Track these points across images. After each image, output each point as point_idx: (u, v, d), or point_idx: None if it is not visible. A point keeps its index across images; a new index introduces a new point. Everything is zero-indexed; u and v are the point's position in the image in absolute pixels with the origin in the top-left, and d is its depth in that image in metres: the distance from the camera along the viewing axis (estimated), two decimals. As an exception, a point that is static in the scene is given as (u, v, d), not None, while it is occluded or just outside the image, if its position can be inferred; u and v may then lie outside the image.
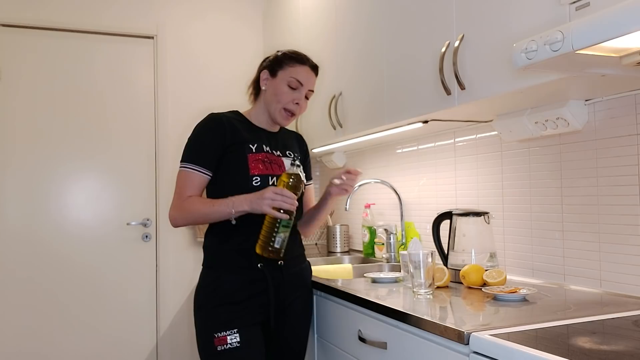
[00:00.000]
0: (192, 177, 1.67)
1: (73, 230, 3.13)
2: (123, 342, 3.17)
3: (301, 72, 1.75)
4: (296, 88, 1.74)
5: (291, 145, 1.86)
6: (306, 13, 2.79)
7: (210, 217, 1.65)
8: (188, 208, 1.65)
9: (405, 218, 2.53)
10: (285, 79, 1.73)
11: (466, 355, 1.14)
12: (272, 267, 1.67)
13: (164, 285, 3.26)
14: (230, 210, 1.59)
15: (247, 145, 1.70)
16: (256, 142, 1.72)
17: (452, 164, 2.23)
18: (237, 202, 1.59)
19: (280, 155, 1.77)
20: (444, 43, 1.67)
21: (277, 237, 1.56)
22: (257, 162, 1.69)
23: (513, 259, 1.90)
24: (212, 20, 3.48)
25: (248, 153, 1.69)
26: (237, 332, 1.59)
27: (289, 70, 1.74)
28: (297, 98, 1.74)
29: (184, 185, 1.67)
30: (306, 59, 1.78)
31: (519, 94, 1.50)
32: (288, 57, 1.77)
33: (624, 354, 0.95)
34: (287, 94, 1.73)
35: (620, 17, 0.98)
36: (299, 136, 1.97)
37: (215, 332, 1.60)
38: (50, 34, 3.14)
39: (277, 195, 1.54)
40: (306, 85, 1.76)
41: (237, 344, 1.58)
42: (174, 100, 3.33)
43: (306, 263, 1.87)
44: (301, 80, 1.74)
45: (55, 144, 3.11)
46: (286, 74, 1.74)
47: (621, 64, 1.15)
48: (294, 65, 1.75)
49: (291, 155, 1.80)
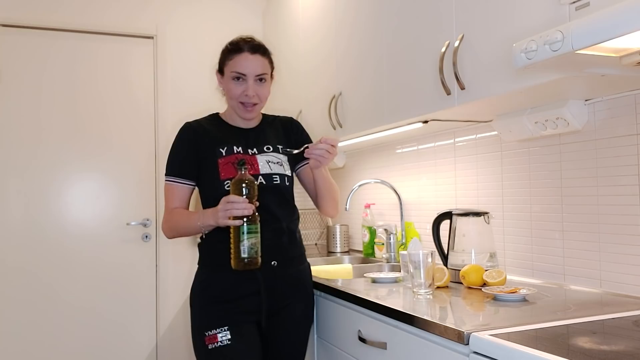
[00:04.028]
0: (174, 189, 1.71)
1: (73, 230, 3.13)
2: (123, 341, 3.17)
3: (238, 62, 1.66)
4: (241, 79, 1.67)
5: (274, 136, 1.79)
6: (306, 13, 2.79)
7: (188, 231, 1.67)
8: (171, 220, 1.69)
9: (405, 218, 2.53)
10: (229, 75, 1.69)
11: (466, 355, 1.14)
12: (264, 268, 1.62)
13: (164, 285, 3.26)
14: (199, 224, 1.60)
15: (217, 150, 1.68)
16: (227, 144, 1.69)
17: (452, 164, 2.23)
18: (204, 216, 1.59)
19: (255, 153, 1.71)
20: (444, 43, 1.67)
21: (243, 245, 1.50)
22: (227, 165, 1.66)
23: (513, 259, 1.90)
24: (212, 20, 3.47)
25: (218, 158, 1.67)
26: (227, 329, 1.59)
27: (229, 64, 1.69)
28: (244, 89, 1.67)
29: (168, 198, 1.71)
30: (243, 44, 1.68)
31: (518, 94, 1.50)
32: (227, 51, 1.71)
33: (624, 354, 0.95)
34: (235, 88, 1.68)
35: (620, 17, 0.98)
36: (287, 121, 1.87)
37: (206, 331, 1.60)
38: (50, 34, 3.14)
39: (227, 204, 1.50)
40: (249, 73, 1.66)
41: (227, 341, 1.58)
42: (173, 100, 3.33)
43: (305, 264, 1.81)
44: (240, 71, 1.66)
45: (55, 144, 3.11)
46: (228, 70, 1.69)
47: (621, 64, 1.15)
48: (232, 57, 1.68)
49: (270, 149, 1.74)
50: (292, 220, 1.76)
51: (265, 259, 1.59)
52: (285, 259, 1.70)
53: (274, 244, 1.66)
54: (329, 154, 1.63)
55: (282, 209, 1.72)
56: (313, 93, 2.70)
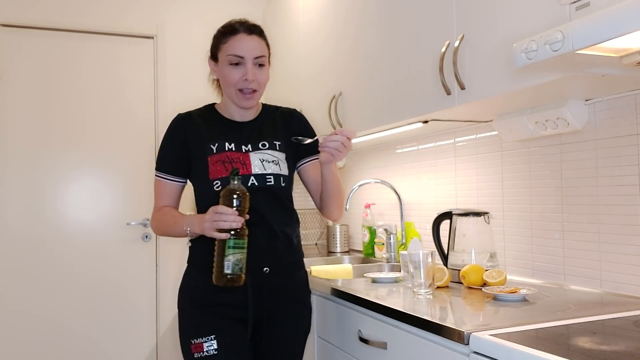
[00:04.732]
0: (162, 186, 1.64)
1: (73, 230, 3.12)
2: (123, 341, 3.17)
3: (235, 44, 1.54)
4: (238, 63, 1.54)
5: (271, 130, 1.64)
6: (306, 13, 2.79)
7: (175, 233, 1.59)
8: (159, 220, 1.63)
9: (405, 218, 2.53)
10: (224, 60, 1.55)
11: (466, 355, 1.14)
12: (255, 274, 1.51)
13: (164, 285, 3.26)
14: (185, 230, 1.52)
15: (208, 146, 1.57)
16: (219, 140, 1.57)
17: (452, 164, 2.23)
18: (190, 223, 1.51)
19: (248, 151, 1.57)
20: (444, 43, 1.67)
21: (226, 261, 1.39)
22: (217, 164, 1.54)
23: (513, 259, 1.90)
24: (212, 20, 3.43)
25: (208, 155, 1.56)
26: (213, 338, 1.48)
27: (224, 48, 1.56)
28: (244, 73, 1.54)
29: (157, 194, 1.65)
30: (238, 25, 1.58)
31: (519, 94, 1.50)
32: (220, 34, 1.59)
33: (624, 354, 0.95)
34: (232, 73, 1.54)
35: (620, 17, 0.98)
36: (287, 113, 1.72)
37: (192, 338, 1.50)
38: (50, 34, 3.14)
39: (215, 215, 1.40)
40: (247, 55, 1.54)
41: (214, 351, 1.47)
42: (173, 100, 3.33)
43: (302, 272, 1.67)
44: (238, 53, 1.53)
45: (55, 144, 3.11)
46: (223, 54, 1.56)
47: (621, 64, 1.15)
48: (227, 40, 1.56)
49: (265, 146, 1.60)
50: (288, 223, 1.62)
51: (256, 264, 1.51)
52: (279, 266, 1.57)
53: (267, 249, 1.54)
54: (344, 148, 1.49)
55: (276, 211, 1.58)
56: (313, 93, 2.70)
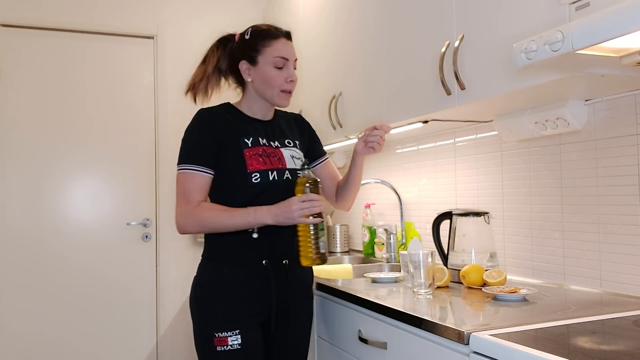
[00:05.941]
0: (194, 178, 1.56)
1: (73, 230, 3.13)
2: (123, 341, 3.17)
3: (280, 47, 1.61)
4: (283, 66, 1.61)
5: (290, 130, 1.74)
6: (306, 13, 2.79)
7: (227, 228, 1.56)
8: (201, 216, 1.55)
9: (405, 218, 2.53)
10: (269, 62, 1.60)
11: (466, 355, 1.14)
12: (276, 265, 1.59)
13: (164, 285, 3.27)
14: (251, 222, 1.53)
15: (242, 140, 1.59)
16: (251, 135, 1.62)
17: (452, 164, 2.23)
18: (259, 214, 1.53)
19: (278, 147, 1.65)
20: (444, 43, 1.67)
21: (321, 242, 1.56)
22: (255, 157, 1.59)
23: (513, 259, 1.90)
24: (212, 20, 3.47)
25: (244, 148, 1.59)
26: (238, 333, 1.53)
27: (267, 51, 1.60)
28: (290, 75, 1.62)
29: (189, 189, 1.56)
30: (278, 31, 1.64)
31: (519, 94, 1.50)
32: (260, 38, 1.62)
33: (624, 354, 0.95)
34: (278, 76, 1.61)
35: (620, 17, 0.98)
36: (297, 117, 1.83)
37: (216, 332, 1.53)
38: (50, 34, 3.14)
39: (304, 203, 1.50)
40: (291, 57, 1.63)
41: (238, 345, 1.52)
42: (173, 100, 3.33)
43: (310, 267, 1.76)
44: (285, 56, 1.60)
45: (55, 144, 3.11)
46: (267, 57, 1.60)
47: (621, 64, 1.15)
48: (270, 44, 1.60)
49: (290, 144, 1.69)
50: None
51: (279, 256, 1.60)
52: (295, 259, 1.62)
53: (290, 242, 1.62)
54: (383, 141, 1.68)
55: None
56: (313, 93, 2.70)
